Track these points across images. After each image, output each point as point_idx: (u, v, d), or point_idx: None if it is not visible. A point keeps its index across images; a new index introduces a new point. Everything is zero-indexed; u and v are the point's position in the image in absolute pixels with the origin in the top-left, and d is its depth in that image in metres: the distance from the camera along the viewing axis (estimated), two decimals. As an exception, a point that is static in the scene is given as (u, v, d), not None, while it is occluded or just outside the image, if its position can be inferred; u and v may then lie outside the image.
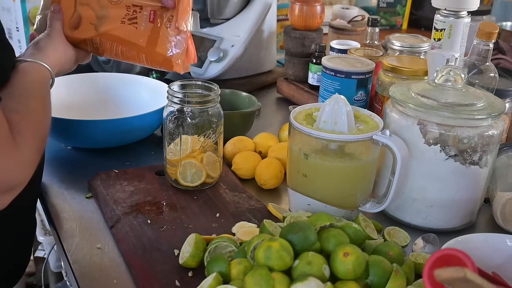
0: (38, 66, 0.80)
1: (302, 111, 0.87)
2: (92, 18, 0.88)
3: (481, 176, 0.84)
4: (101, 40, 0.89)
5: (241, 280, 0.65)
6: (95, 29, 0.88)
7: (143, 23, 0.87)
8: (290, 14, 1.36)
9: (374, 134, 0.80)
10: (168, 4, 0.85)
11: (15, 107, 0.70)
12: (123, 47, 0.89)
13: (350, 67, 1.07)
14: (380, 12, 2.07)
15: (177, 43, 0.86)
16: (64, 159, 1.05)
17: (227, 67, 1.40)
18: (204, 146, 0.92)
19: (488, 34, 0.97)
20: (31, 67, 0.80)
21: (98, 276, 0.74)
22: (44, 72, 0.81)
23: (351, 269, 0.64)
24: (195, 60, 0.91)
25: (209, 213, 0.87)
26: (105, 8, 0.87)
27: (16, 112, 0.69)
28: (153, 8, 0.87)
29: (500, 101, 0.84)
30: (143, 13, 0.87)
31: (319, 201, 0.83)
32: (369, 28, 1.28)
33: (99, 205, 0.90)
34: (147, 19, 0.87)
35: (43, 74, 0.81)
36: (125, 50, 0.89)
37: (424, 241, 0.81)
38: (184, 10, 0.86)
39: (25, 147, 0.67)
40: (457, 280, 0.50)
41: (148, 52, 0.87)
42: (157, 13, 0.86)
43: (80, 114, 1.07)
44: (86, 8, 0.89)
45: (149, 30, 0.87)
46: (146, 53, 0.88)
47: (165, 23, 0.86)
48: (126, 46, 0.88)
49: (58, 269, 1.59)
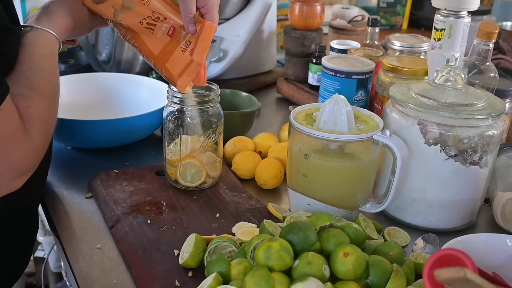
0: (45, 34, 0.78)
1: (302, 111, 0.87)
2: (118, 3, 0.85)
3: (481, 176, 0.84)
4: (115, 24, 0.87)
5: (241, 280, 0.65)
6: (114, 15, 0.85)
7: (159, 32, 0.85)
8: (290, 14, 1.36)
9: (374, 134, 0.80)
10: (189, 30, 0.83)
11: (23, 92, 0.70)
12: (136, 42, 0.87)
13: (350, 67, 1.07)
14: (380, 12, 2.07)
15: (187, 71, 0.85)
16: (64, 159, 1.05)
17: (227, 67, 1.41)
18: (204, 146, 0.92)
19: (488, 34, 0.97)
20: (38, 36, 0.77)
21: (98, 276, 0.74)
22: (51, 41, 0.78)
23: (351, 269, 0.64)
24: (204, 83, 0.90)
25: (209, 213, 0.87)
26: (133, 2, 0.84)
27: (24, 98, 0.70)
28: (174, 25, 0.85)
29: (500, 101, 0.84)
30: (164, 24, 0.85)
31: (319, 201, 0.83)
32: (369, 28, 1.28)
33: (99, 205, 0.90)
34: (165, 31, 0.85)
35: (50, 43, 0.78)
36: (137, 45, 0.87)
37: (424, 241, 0.81)
38: (204, 44, 0.84)
39: (35, 133, 0.70)
40: (457, 280, 0.50)
41: (158, 62, 0.86)
42: (177, 31, 0.84)
43: (80, 114, 1.07)
44: None
45: (165, 42, 0.85)
46: (156, 60, 0.86)
47: (181, 46, 0.84)
48: (139, 43, 0.87)
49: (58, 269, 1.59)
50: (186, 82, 0.86)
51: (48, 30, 0.78)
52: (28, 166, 0.71)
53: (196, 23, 0.82)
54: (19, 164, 0.69)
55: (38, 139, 0.71)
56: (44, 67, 0.75)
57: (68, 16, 0.82)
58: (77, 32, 0.86)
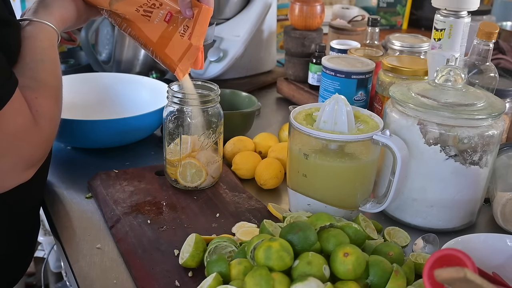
0: (43, 26, 0.79)
1: (302, 111, 0.87)
2: None
3: (481, 176, 0.84)
4: (111, 14, 0.88)
5: (241, 280, 0.65)
6: (109, 4, 0.86)
7: (156, 19, 0.85)
8: (290, 14, 1.36)
9: (374, 134, 0.80)
10: (186, 15, 0.84)
11: (29, 84, 0.71)
12: (133, 31, 0.87)
13: (350, 67, 1.07)
14: (380, 12, 2.07)
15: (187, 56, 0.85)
16: (64, 159, 1.05)
17: (227, 67, 1.40)
18: (204, 146, 0.92)
19: (488, 34, 0.97)
20: (37, 29, 0.78)
21: (98, 276, 0.74)
22: (50, 34, 0.79)
23: (351, 269, 0.64)
24: (202, 67, 0.90)
25: (209, 213, 0.87)
26: None
27: (31, 90, 0.71)
28: (171, 10, 0.85)
29: (500, 101, 0.84)
30: (160, 11, 0.85)
31: (319, 201, 0.83)
32: (369, 28, 1.28)
33: (99, 205, 0.90)
34: (162, 18, 0.85)
35: (49, 36, 0.79)
36: (134, 34, 0.87)
37: (424, 241, 0.81)
38: (201, 28, 0.85)
39: (44, 124, 0.71)
40: (457, 280, 0.50)
41: (157, 49, 0.86)
42: (174, 16, 0.85)
43: (80, 114, 1.07)
44: None
45: (162, 28, 0.86)
46: (155, 47, 0.86)
47: (180, 31, 0.85)
48: (136, 31, 0.86)
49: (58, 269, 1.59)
50: (187, 66, 0.87)
51: (47, 22, 0.79)
52: (38, 157, 0.72)
53: (193, 7, 0.84)
54: (31, 155, 0.70)
55: (47, 129, 0.72)
56: (46, 59, 0.77)
57: (64, 8, 0.83)
58: (75, 23, 0.87)
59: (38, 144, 0.71)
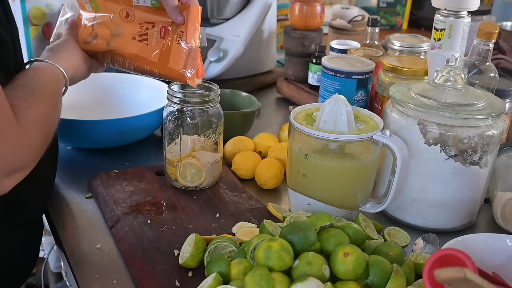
0: (52, 67, 0.81)
1: (302, 111, 0.87)
2: (107, 35, 0.89)
3: (481, 176, 0.84)
4: (112, 55, 0.91)
5: (241, 280, 0.65)
6: (107, 45, 0.89)
7: (153, 39, 0.88)
8: (290, 14, 1.36)
9: (374, 134, 0.80)
10: (177, 21, 0.86)
11: (24, 96, 0.70)
12: (136, 62, 0.90)
13: (350, 67, 1.07)
14: (380, 12, 2.07)
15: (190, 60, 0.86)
16: (64, 159, 1.05)
17: (227, 67, 1.40)
18: (204, 146, 0.92)
19: (488, 34, 0.97)
20: (46, 66, 0.81)
21: (98, 276, 0.74)
22: (58, 74, 0.81)
23: (351, 269, 0.64)
24: (203, 75, 0.91)
25: (209, 213, 0.87)
26: (120, 27, 0.89)
27: (24, 100, 0.69)
28: (164, 24, 0.87)
29: (500, 101, 0.84)
30: (154, 30, 0.88)
31: (319, 201, 0.83)
32: (369, 28, 1.28)
33: (99, 205, 0.90)
34: (158, 36, 0.87)
35: (57, 76, 0.81)
36: (138, 65, 0.90)
37: (424, 241, 0.81)
38: (193, 27, 0.86)
39: (29, 130, 0.67)
40: (457, 280, 0.50)
41: (161, 68, 0.88)
42: (168, 29, 0.87)
43: (80, 114, 1.07)
44: (103, 27, 0.90)
45: (160, 46, 0.87)
46: (159, 68, 0.88)
47: (176, 40, 0.86)
48: (139, 61, 0.89)
49: (58, 269, 1.59)
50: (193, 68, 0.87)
51: (56, 64, 0.82)
52: (19, 163, 0.65)
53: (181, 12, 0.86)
54: (9, 158, 0.64)
55: (32, 137, 0.67)
56: (49, 86, 0.77)
57: (72, 55, 0.88)
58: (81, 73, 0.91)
59: (18, 147, 0.65)
